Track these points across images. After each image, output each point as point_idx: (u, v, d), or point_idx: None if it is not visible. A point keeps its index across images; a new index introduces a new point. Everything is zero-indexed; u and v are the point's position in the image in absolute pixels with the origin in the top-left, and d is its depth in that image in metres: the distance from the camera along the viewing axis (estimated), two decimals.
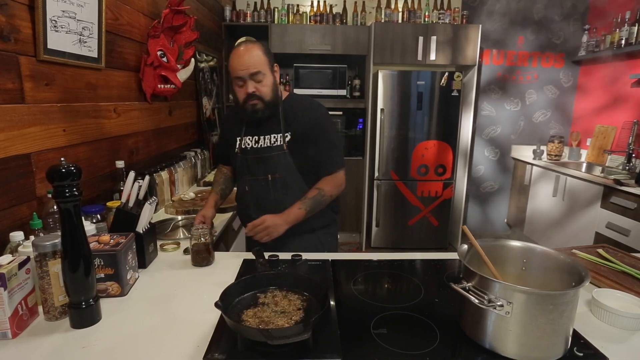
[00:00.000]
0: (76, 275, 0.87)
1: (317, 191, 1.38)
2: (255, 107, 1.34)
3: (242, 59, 1.30)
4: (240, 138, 1.45)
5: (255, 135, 1.43)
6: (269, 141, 1.41)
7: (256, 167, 1.42)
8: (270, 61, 1.35)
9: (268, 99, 1.34)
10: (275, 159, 1.40)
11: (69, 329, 0.88)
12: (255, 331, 0.74)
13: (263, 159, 1.41)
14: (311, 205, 1.36)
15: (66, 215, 0.85)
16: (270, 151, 1.40)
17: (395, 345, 0.82)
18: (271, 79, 1.34)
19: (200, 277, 1.16)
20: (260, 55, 1.32)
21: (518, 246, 0.96)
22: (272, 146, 1.40)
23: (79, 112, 1.34)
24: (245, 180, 1.45)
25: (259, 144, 1.42)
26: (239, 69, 1.30)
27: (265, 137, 1.41)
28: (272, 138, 1.41)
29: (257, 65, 1.29)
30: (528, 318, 0.76)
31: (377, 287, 1.11)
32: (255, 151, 1.42)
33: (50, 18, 1.14)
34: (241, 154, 1.45)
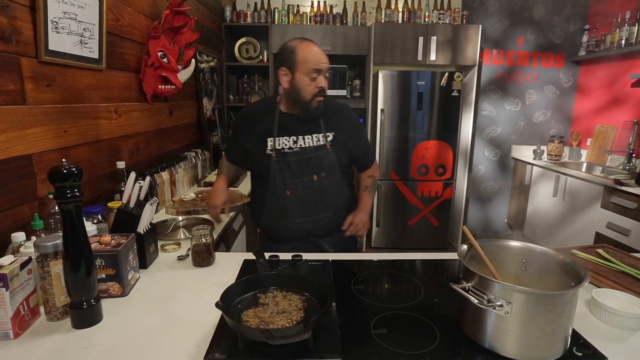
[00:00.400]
0: (77, 276, 0.87)
1: (371, 179, 1.52)
2: (320, 104, 1.35)
3: (320, 52, 1.31)
4: (273, 139, 1.39)
5: (293, 135, 1.39)
6: (311, 141, 1.40)
7: (298, 168, 1.39)
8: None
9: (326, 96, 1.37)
10: (320, 159, 1.40)
11: (70, 329, 0.88)
12: (255, 331, 0.74)
13: (307, 159, 1.39)
14: (373, 192, 1.51)
15: (67, 216, 0.85)
16: (316, 151, 1.39)
17: (395, 345, 0.83)
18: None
19: (201, 277, 1.16)
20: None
21: (517, 246, 0.97)
22: (317, 146, 1.39)
23: (80, 113, 1.35)
24: (287, 184, 1.39)
25: (299, 145, 1.39)
26: (321, 61, 1.30)
27: (306, 138, 1.40)
28: (314, 138, 1.40)
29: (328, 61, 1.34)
30: (527, 318, 0.76)
31: (377, 287, 1.12)
32: (297, 153, 1.39)
33: (52, 19, 1.14)
34: (276, 156, 1.39)
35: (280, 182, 1.39)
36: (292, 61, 1.32)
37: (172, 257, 1.29)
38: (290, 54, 1.32)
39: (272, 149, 1.39)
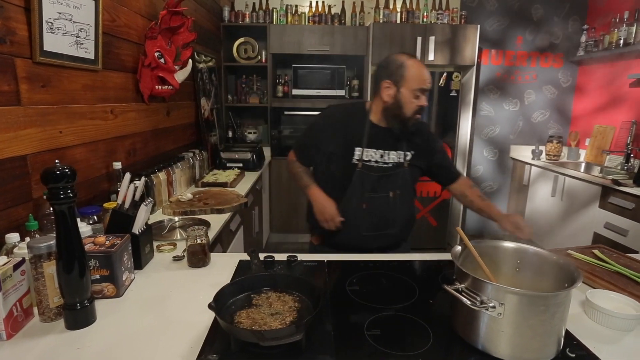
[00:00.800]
0: (71, 277, 0.87)
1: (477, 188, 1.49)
2: (418, 121, 1.36)
3: (426, 72, 1.30)
4: (362, 149, 1.38)
5: (381, 149, 1.38)
6: (395, 158, 1.40)
7: (378, 183, 1.39)
8: None
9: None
10: (397, 176, 1.40)
11: (63, 330, 0.88)
12: (247, 332, 0.74)
13: (388, 176, 1.39)
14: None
15: (60, 217, 0.85)
16: (396, 168, 1.40)
17: (388, 347, 0.82)
18: None
19: (196, 278, 1.16)
20: None
21: (511, 247, 0.97)
22: (397, 164, 1.40)
23: (76, 114, 1.34)
24: (364, 197, 1.38)
25: (384, 159, 1.39)
26: (427, 81, 1.30)
27: (390, 153, 1.39)
28: (397, 155, 1.40)
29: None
30: (519, 319, 0.76)
31: (372, 288, 1.11)
32: (381, 169, 1.39)
33: (47, 20, 1.14)
34: (362, 168, 1.38)
35: (358, 194, 1.38)
36: (399, 76, 1.29)
37: (167, 257, 1.29)
38: (398, 68, 1.29)
39: (359, 159, 1.38)
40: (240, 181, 2.49)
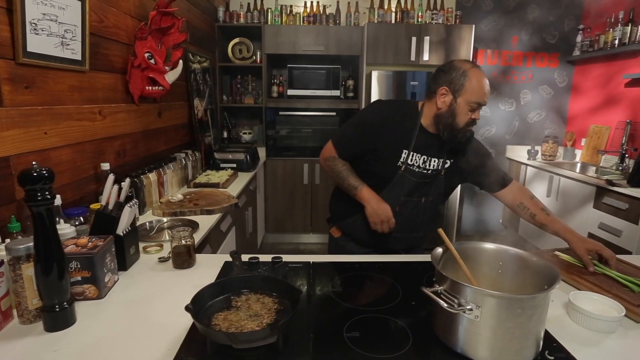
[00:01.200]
0: (49, 279, 0.87)
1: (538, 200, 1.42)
2: (468, 134, 1.32)
3: (487, 86, 1.25)
4: (408, 152, 1.35)
5: (424, 154, 1.36)
6: (435, 165, 1.38)
7: (415, 188, 1.38)
8: None
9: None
10: (432, 183, 1.39)
11: (42, 332, 0.88)
12: (221, 335, 0.74)
13: (424, 183, 1.38)
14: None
15: (38, 219, 0.85)
16: (432, 177, 1.39)
17: (365, 349, 0.82)
18: None
19: (180, 279, 1.15)
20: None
21: (492, 249, 0.96)
22: (436, 172, 1.38)
23: (62, 115, 1.34)
24: (399, 200, 1.37)
25: (425, 166, 1.37)
26: (484, 95, 1.25)
27: (432, 160, 1.37)
28: (438, 163, 1.38)
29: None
30: (496, 322, 0.76)
31: (355, 289, 1.11)
32: (421, 175, 1.37)
33: (30, 21, 1.14)
34: (405, 171, 1.36)
35: (395, 196, 1.36)
36: (459, 85, 1.24)
37: (154, 259, 1.29)
38: (460, 77, 1.24)
39: (404, 162, 1.35)
40: (233, 182, 2.49)
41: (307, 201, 3.63)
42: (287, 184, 3.60)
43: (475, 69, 1.26)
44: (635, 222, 2.39)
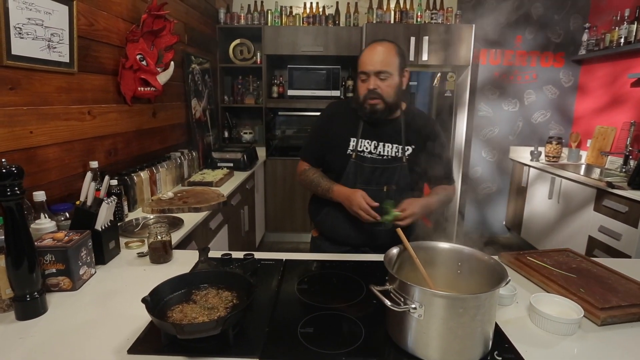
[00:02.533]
0: (19, 271, 0.92)
1: (445, 192, 1.41)
2: (375, 107, 1.31)
3: (371, 55, 1.29)
4: (357, 139, 1.38)
5: (375, 140, 1.38)
6: (390, 151, 1.38)
7: (372, 176, 1.37)
8: (401, 63, 1.32)
9: (389, 100, 1.31)
10: (394, 170, 1.37)
11: (14, 321, 0.93)
12: (168, 325, 0.77)
13: (382, 169, 1.37)
14: (442, 204, 1.39)
15: (8, 214, 0.90)
16: (393, 162, 1.37)
17: (315, 344, 0.84)
18: (397, 81, 1.32)
19: (155, 274, 1.19)
20: (392, 55, 1.30)
21: (448, 248, 0.97)
22: (395, 157, 1.37)
23: (48, 115, 1.40)
24: (357, 188, 1.35)
25: (378, 151, 1.38)
26: (366, 63, 1.29)
27: (386, 145, 1.38)
28: (393, 148, 1.38)
29: (386, 64, 1.28)
30: (439, 321, 0.76)
31: (320, 287, 1.13)
32: (375, 160, 1.37)
33: (14, 25, 1.19)
34: (356, 159, 1.38)
35: (351, 185, 1.36)
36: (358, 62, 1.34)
37: (134, 254, 1.33)
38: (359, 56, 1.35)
39: (353, 150, 1.38)
40: (227, 181, 2.53)
41: (306, 201, 3.65)
42: (287, 184, 3.63)
43: (373, 43, 1.33)
44: (635, 226, 2.33)
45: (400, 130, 1.38)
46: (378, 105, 1.31)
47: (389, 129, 1.38)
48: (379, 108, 1.31)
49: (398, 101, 1.37)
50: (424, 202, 1.32)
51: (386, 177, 1.38)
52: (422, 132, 1.40)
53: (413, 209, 1.26)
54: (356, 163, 1.38)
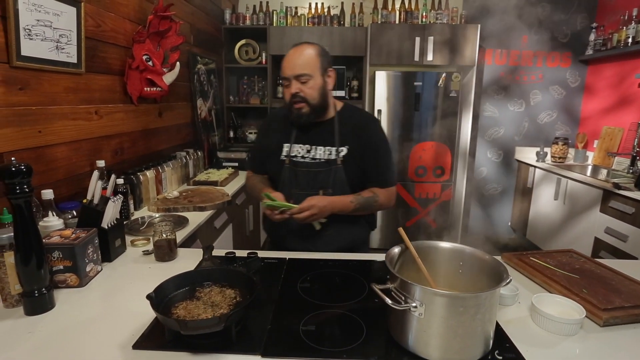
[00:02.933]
0: (28, 267, 0.94)
1: (372, 194, 1.36)
2: (301, 111, 1.30)
3: (290, 59, 1.28)
4: (290, 145, 1.38)
5: (307, 143, 1.37)
6: (323, 153, 1.35)
7: (306, 181, 1.36)
8: (322, 64, 1.30)
9: (314, 103, 1.29)
10: (329, 174, 1.34)
11: (22, 316, 0.95)
12: (172, 321, 0.78)
13: (315, 173, 1.35)
14: (362, 204, 1.33)
15: (18, 211, 0.92)
16: (326, 165, 1.35)
17: (317, 342, 0.85)
18: (319, 82, 1.29)
19: (160, 271, 1.20)
20: (311, 57, 1.28)
21: (449, 248, 0.97)
22: (328, 160, 1.35)
23: (56, 115, 1.42)
24: (292, 194, 1.35)
25: (311, 155, 1.36)
26: (285, 68, 1.28)
27: (318, 149, 1.36)
28: (326, 151, 1.35)
29: (305, 67, 1.26)
30: (439, 320, 0.77)
31: (322, 286, 1.13)
32: (308, 164, 1.36)
33: (24, 27, 1.22)
34: (290, 164, 1.37)
35: (287, 191, 1.35)
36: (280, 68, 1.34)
37: (139, 251, 1.35)
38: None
39: (287, 155, 1.38)
40: (232, 180, 2.55)
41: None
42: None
43: (292, 48, 1.31)
44: None
45: (334, 132, 1.35)
46: (303, 109, 1.30)
47: (322, 130, 1.36)
48: (304, 112, 1.30)
49: (324, 102, 1.33)
50: (332, 199, 1.29)
51: (321, 181, 1.35)
52: (356, 131, 1.36)
53: (311, 202, 1.24)
54: (290, 168, 1.37)
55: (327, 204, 1.27)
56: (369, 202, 1.35)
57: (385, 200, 1.40)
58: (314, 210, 1.24)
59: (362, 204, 1.34)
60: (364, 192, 1.36)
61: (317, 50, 1.32)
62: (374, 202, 1.36)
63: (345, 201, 1.32)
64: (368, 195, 1.35)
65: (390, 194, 1.41)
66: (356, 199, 1.33)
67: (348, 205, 1.32)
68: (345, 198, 1.32)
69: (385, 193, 1.40)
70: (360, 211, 1.35)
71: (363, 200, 1.34)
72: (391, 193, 1.42)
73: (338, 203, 1.31)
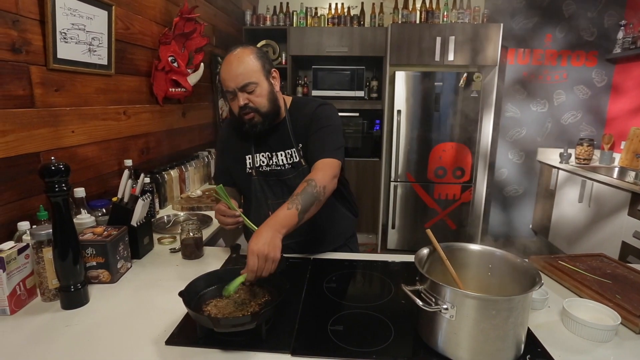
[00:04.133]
0: (65, 263, 0.97)
1: (305, 184, 1.11)
2: (253, 121, 1.20)
3: (229, 70, 1.16)
4: (251, 156, 1.30)
5: (267, 151, 1.29)
6: (285, 159, 1.28)
7: (280, 189, 1.30)
8: (264, 67, 1.20)
9: (265, 110, 1.20)
10: (298, 177, 1.25)
11: (59, 310, 0.99)
12: (205, 319, 0.80)
13: (284, 180, 1.29)
14: (303, 202, 1.07)
15: (56, 208, 0.95)
16: (293, 170, 1.28)
17: (346, 342, 0.85)
18: (267, 88, 1.20)
19: (188, 269, 1.23)
20: (250, 63, 1.16)
21: (479, 250, 0.96)
22: (292, 165, 1.27)
23: (88, 115, 1.47)
24: (269, 205, 1.29)
25: (274, 162, 1.29)
26: (227, 80, 1.17)
27: (279, 155, 1.28)
28: (287, 155, 1.28)
29: (247, 76, 1.15)
30: (471, 322, 0.76)
31: (348, 286, 1.14)
32: (276, 173, 1.29)
33: (60, 31, 1.26)
34: (257, 175, 1.30)
35: (262, 202, 1.30)
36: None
37: (166, 249, 1.38)
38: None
39: (252, 167, 1.31)
40: None
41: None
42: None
43: (226, 56, 1.18)
44: None
45: (288, 132, 1.27)
46: (255, 119, 1.20)
47: (277, 134, 1.28)
48: (256, 121, 1.21)
49: (275, 106, 1.23)
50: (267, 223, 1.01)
51: (293, 186, 1.22)
52: (305, 123, 1.26)
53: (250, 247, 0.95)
54: (259, 180, 1.30)
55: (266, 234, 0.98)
56: (310, 194, 1.09)
57: (324, 178, 1.14)
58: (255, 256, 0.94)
59: (304, 202, 1.07)
60: (297, 188, 1.11)
61: (255, 52, 1.20)
62: (315, 190, 1.10)
63: (285, 213, 1.04)
64: (303, 188, 1.10)
65: (328, 168, 1.17)
66: (293, 202, 1.06)
67: (291, 214, 1.04)
68: (281, 210, 1.05)
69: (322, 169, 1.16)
70: (310, 209, 1.09)
71: (302, 197, 1.07)
72: (329, 167, 1.17)
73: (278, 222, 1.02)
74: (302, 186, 1.11)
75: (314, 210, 1.11)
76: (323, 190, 1.12)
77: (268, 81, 1.21)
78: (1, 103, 1.10)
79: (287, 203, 1.06)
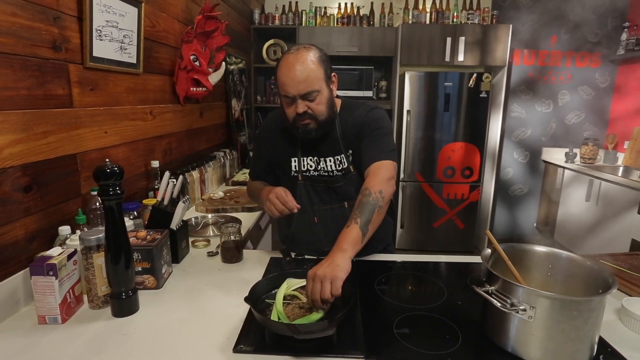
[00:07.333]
0: (117, 268, 0.94)
1: (360, 196, 1.08)
2: (308, 128, 1.14)
3: (291, 75, 1.07)
4: (297, 159, 1.25)
5: (315, 156, 1.23)
6: (333, 164, 1.22)
7: (326, 195, 1.25)
8: (326, 73, 1.12)
9: (323, 118, 1.14)
10: (349, 185, 1.22)
11: (110, 317, 0.95)
12: (282, 326, 0.78)
13: (334, 188, 1.24)
14: (361, 214, 1.03)
15: (109, 212, 0.92)
16: (341, 177, 1.22)
17: (417, 345, 0.84)
18: (327, 95, 1.13)
19: (229, 273, 1.21)
20: (314, 68, 1.08)
21: (543, 251, 0.96)
22: (341, 171, 1.22)
23: (119, 115, 1.43)
24: (315, 210, 1.26)
25: (321, 167, 1.24)
26: (287, 85, 1.08)
27: (327, 160, 1.23)
28: (335, 161, 1.22)
29: (310, 84, 1.08)
30: (551, 323, 0.76)
31: (400, 288, 1.13)
32: (322, 179, 1.24)
33: (96, 28, 1.22)
34: (303, 180, 1.26)
35: (308, 207, 1.25)
36: (276, 78, 1.14)
37: (202, 253, 1.35)
38: (276, 69, 1.13)
39: (297, 171, 1.25)
40: None
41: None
42: None
43: (285, 56, 1.10)
44: None
45: (338, 137, 1.22)
46: (310, 125, 1.14)
47: (327, 139, 1.22)
48: (312, 127, 1.14)
49: (333, 113, 1.18)
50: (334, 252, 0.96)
51: (342, 193, 1.22)
52: (356, 129, 1.21)
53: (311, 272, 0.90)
54: (305, 184, 1.25)
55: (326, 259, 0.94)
56: (370, 206, 1.05)
57: (378, 181, 1.10)
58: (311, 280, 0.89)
59: (367, 217, 1.03)
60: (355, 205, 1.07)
61: (318, 56, 1.11)
62: (374, 201, 1.06)
63: (343, 232, 1.01)
64: (359, 201, 1.07)
65: (378, 169, 1.13)
66: (350, 218, 1.03)
67: (350, 230, 1.00)
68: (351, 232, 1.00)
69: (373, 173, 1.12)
70: (373, 220, 1.04)
71: (358, 210, 1.04)
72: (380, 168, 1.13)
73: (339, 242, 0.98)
74: (357, 200, 1.08)
75: (377, 218, 1.06)
76: (380, 195, 1.08)
77: (329, 88, 1.15)
78: (43, 103, 1.06)
79: (352, 222, 1.02)
